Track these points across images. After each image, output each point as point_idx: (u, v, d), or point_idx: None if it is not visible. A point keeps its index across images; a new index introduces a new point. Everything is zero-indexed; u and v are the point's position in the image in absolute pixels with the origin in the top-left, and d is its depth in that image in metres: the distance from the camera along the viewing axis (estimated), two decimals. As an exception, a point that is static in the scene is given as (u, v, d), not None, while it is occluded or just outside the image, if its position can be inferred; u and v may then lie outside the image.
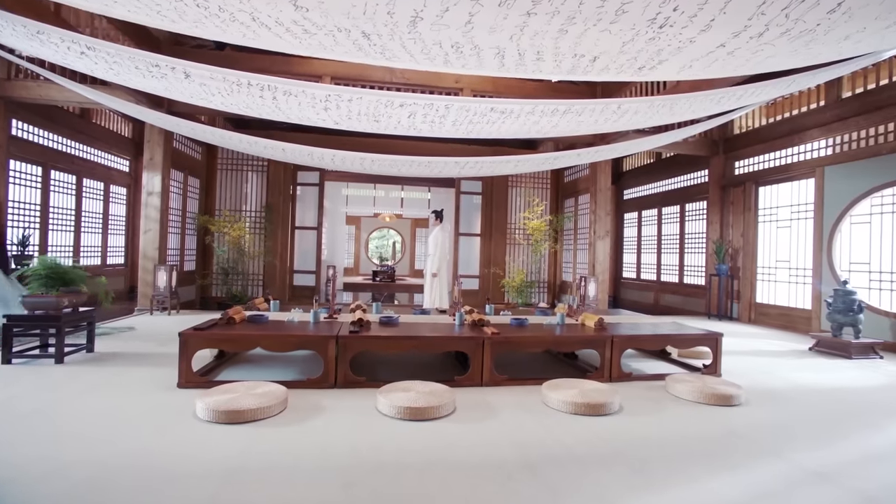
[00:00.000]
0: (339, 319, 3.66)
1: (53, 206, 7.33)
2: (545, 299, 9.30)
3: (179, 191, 7.32)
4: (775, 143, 6.30)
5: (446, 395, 2.67)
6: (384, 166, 5.39)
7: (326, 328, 3.25)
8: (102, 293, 3.69)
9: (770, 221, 6.55)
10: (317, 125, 4.09)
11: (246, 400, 2.48)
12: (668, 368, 3.83)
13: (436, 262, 6.24)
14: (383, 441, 2.23)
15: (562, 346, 3.32)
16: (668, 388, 3.14)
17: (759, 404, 2.94)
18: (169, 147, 6.44)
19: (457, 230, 9.15)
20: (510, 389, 3.11)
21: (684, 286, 8.21)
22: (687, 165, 8.08)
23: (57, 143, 7.30)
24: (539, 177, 9.41)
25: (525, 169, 6.47)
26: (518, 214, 9.09)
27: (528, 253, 9.06)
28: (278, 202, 8.27)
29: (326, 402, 2.73)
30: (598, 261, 7.38)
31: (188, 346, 2.90)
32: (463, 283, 9.42)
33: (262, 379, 3.02)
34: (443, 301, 6.11)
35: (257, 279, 8.36)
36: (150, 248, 6.24)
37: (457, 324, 3.63)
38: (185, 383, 2.90)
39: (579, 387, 2.89)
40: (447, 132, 4.02)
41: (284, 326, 3.27)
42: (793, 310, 6.07)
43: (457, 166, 5.37)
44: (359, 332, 3.09)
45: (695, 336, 3.57)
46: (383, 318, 3.64)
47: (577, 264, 8.65)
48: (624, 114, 3.70)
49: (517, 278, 8.33)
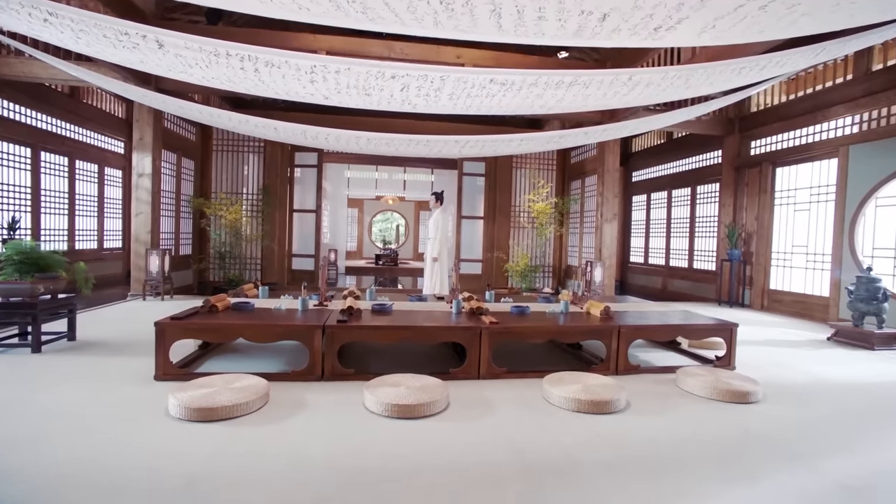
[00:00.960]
0: (330, 307, 3.47)
1: (45, 188, 7.16)
2: (550, 284, 9.08)
3: (173, 172, 7.11)
4: (796, 121, 5.95)
5: (438, 391, 2.47)
6: (381, 145, 5.13)
7: (314, 317, 3.06)
8: (81, 279, 3.52)
9: (787, 204, 6.23)
10: (305, 100, 3.83)
11: (223, 395, 2.30)
12: (678, 360, 3.62)
13: (436, 245, 6.02)
14: (367, 443, 2.04)
15: (565, 337, 3.11)
16: (679, 383, 2.93)
17: (777, 401, 2.72)
18: (159, 127, 6.21)
19: (459, 213, 8.90)
20: (509, 383, 2.91)
21: (694, 271, 7.95)
22: (699, 146, 7.73)
23: (46, 123, 7.08)
24: (544, 158, 9.09)
25: (529, 148, 6.17)
26: (522, 197, 8.82)
27: (533, 236, 8.80)
28: (276, 184, 8.05)
29: (310, 397, 2.55)
30: (605, 245, 7.12)
31: (165, 336, 2.72)
32: (465, 268, 9.22)
33: (247, 370, 2.84)
34: (443, 287, 5.91)
35: (255, 263, 8.20)
36: (142, 231, 6.07)
37: (454, 312, 3.43)
38: (163, 375, 2.73)
39: (583, 381, 2.69)
40: (444, 107, 3.75)
41: (269, 315, 3.08)
42: (809, 297, 5.80)
43: (457, 145, 5.10)
44: (347, 322, 2.90)
45: (708, 326, 3.34)
46: (376, 305, 3.44)
47: (584, 248, 8.40)
48: (635, 86, 3.41)
49: (521, 263, 8.10)
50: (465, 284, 9.03)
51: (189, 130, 7.68)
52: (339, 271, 11.91)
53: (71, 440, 1.97)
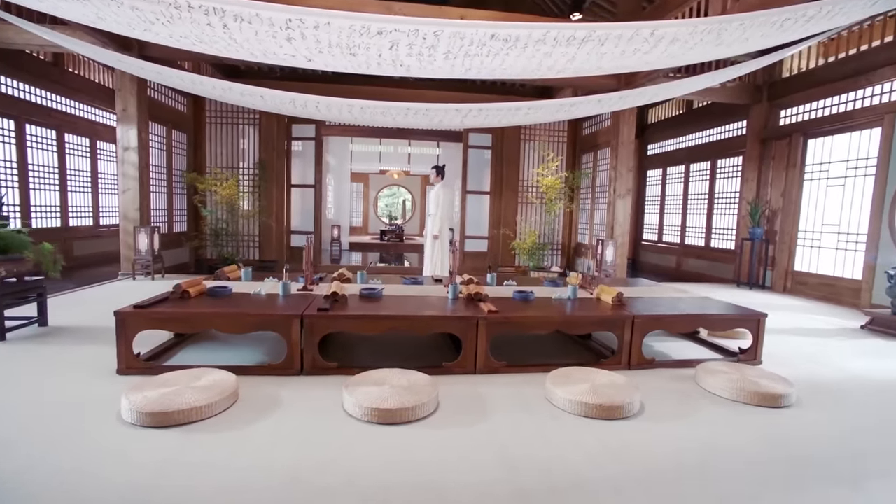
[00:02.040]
0: (316, 292, 3.18)
1: (33, 163, 6.91)
2: (558, 263, 8.74)
3: (162, 146, 6.80)
4: (834, 87, 5.40)
5: (427, 391, 2.19)
6: (376, 115, 4.74)
7: (293, 305, 2.77)
8: (48, 262, 3.27)
9: (818, 179, 5.75)
10: (288, 63, 3.45)
11: (183, 396, 2.04)
12: (696, 351, 3.30)
13: (437, 222, 5.70)
14: (338, 456, 1.77)
15: (572, 328, 2.81)
16: (699, 381, 2.62)
17: (812, 404, 2.40)
18: (144, 96, 5.86)
19: (464, 187, 8.51)
20: (509, 379, 2.63)
21: (711, 250, 7.53)
22: (721, 116, 7.19)
23: (30, 94, 6.77)
24: (555, 129, 8.60)
25: (538, 118, 5.73)
26: (531, 170, 8.38)
27: (542, 213, 8.41)
28: (272, 158, 7.71)
29: (285, 396, 2.29)
30: (618, 222, 6.72)
31: (126, 327, 2.46)
32: (470, 245, 8.89)
33: (222, 363, 2.59)
34: (444, 268, 5.61)
35: (253, 240, 7.96)
36: (131, 208, 5.80)
37: (450, 297, 3.13)
38: (126, 369, 2.48)
39: (591, 379, 2.39)
40: (440, 69, 3.35)
41: (245, 302, 2.81)
42: (838, 280, 5.39)
43: (458, 115, 4.70)
44: (328, 311, 2.61)
45: (733, 317, 3.00)
46: (364, 290, 3.15)
47: (595, 225, 8.00)
48: (658, 42, 2.97)
49: (528, 240, 7.75)
50: (471, 262, 8.72)
51: (180, 101, 7.32)
52: (342, 247, 11.66)
53: (5, 449, 1.72)
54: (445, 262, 5.64)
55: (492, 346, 2.71)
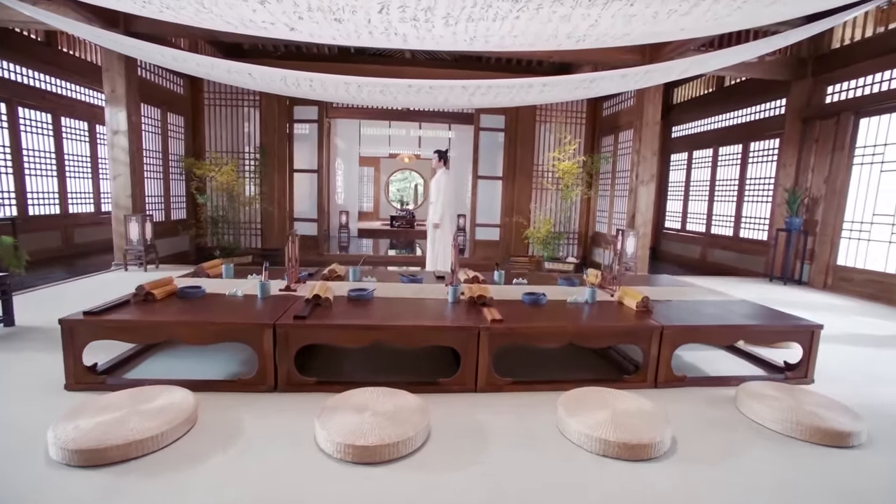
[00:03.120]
0: (300, 292, 2.84)
1: (27, 148, 6.68)
2: (574, 252, 8.27)
3: (157, 129, 6.49)
4: (892, 59, 4.77)
5: (414, 421, 1.83)
6: (374, 93, 4.32)
7: (268, 310, 2.43)
8: (10, 257, 2.99)
9: (870, 163, 5.15)
10: (268, 34, 3.06)
11: (126, 425, 1.71)
12: (733, 364, 2.87)
13: (437, 210, 5.29)
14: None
15: (589, 341, 2.41)
16: (741, 406, 2.21)
17: (887, 443, 1.97)
18: (133, 76, 5.53)
19: (475, 172, 8.06)
20: (514, 399, 2.25)
21: (740, 241, 6.99)
22: (757, 94, 6.56)
23: (22, 75, 6.50)
24: (573, 110, 8.04)
25: (553, 97, 5.23)
26: (547, 154, 7.87)
27: (557, 199, 7.93)
28: (273, 142, 7.36)
29: (250, 423, 1.96)
30: (640, 210, 6.22)
31: (74, 338, 2.15)
32: (481, 234, 8.46)
33: (190, 374, 2.30)
34: (446, 261, 5.22)
35: (255, 228, 7.67)
36: (122, 195, 5.53)
37: (449, 301, 2.75)
38: (75, 385, 2.18)
39: (611, 404, 2.00)
40: (441, 39, 2.91)
41: (216, 307, 2.47)
42: (890, 277, 4.84)
43: (465, 93, 4.25)
44: (305, 319, 2.26)
45: (782, 329, 2.56)
46: (352, 292, 2.79)
47: (614, 214, 7.49)
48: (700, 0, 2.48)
49: (543, 228, 7.29)
50: (482, 251, 8.30)
51: (175, 83, 6.98)
52: (350, 234, 11.35)
53: None
54: (447, 254, 5.25)
55: (496, 356, 2.34)
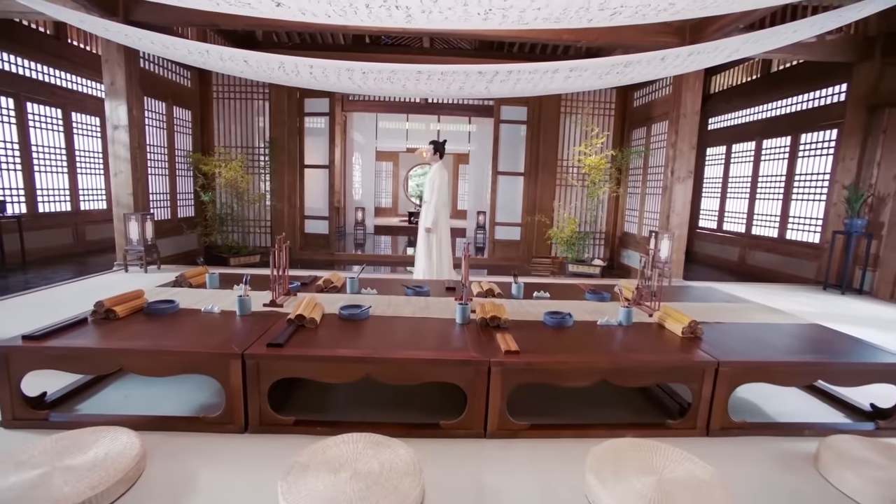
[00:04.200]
0: (286, 308, 2.48)
1: (36, 144, 6.56)
2: (601, 254, 7.73)
3: (162, 124, 6.25)
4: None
5: (404, 489, 1.43)
6: (381, 81, 3.92)
7: (243, 332, 2.07)
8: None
9: (948, 157, 4.49)
10: (256, 12, 2.68)
11: (42, 489, 1.38)
12: (803, 403, 2.38)
13: (430, 212, 4.63)
14: None
15: (625, 379, 1.96)
16: (826, 471, 1.73)
17: None
18: (134, 68, 5.27)
19: (495, 168, 7.60)
20: (532, 450, 1.83)
21: (786, 243, 6.34)
22: (810, 79, 5.89)
23: (30, 69, 6.35)
24: (601, 100, 7.48)
25: (581, 84, 4.72)
26: (572, 149, 7.34)
27: (583, 197, 7.40)
28: (283, 136, 7.05)
29: (207, 477, 1.60)
30: (675, 210, 5.66)
31: (11, 367, 1.83)
32: (501, 233, 8.00)
33: (152, 408, 1.96)
34: (441, 269, 4.70)
35: (264, 226, 7.41)
36: (123, 193, 5.30)
37: (457, 322, 2.34)
38: (13, 422, 1.86)
39: (657, 468, 1.56)
40: (451, 14, 2.48)
41: (181, 328, 2.12)
42: (973, 289, 4.20)
43: (482, 79, 3.80)
44: (281, 347, 1.89)
45: (874, 369, 2.04)
46: (345, 310, 2.41)
47: (645, 213, 6.92)
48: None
49: (567, 229, 6.79)
50: (501, 252, 7.83)
51: (182, 75, 6.73)
52: (367, 231, 11.05)
53: None
54: (444, 261, 4.74)
55: (512, 392, 1.92)
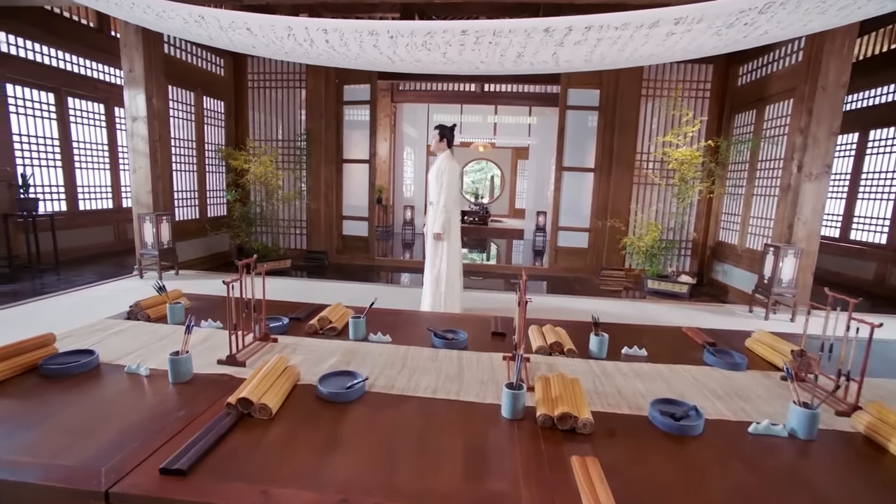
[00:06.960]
0: (248, 368, 1.66)
1: (77, 140, 6.38)
2: (686, 267, 6.40)
3: (189, 116, 5.80)
4: None
5: None
6: (414, 49, 3.01)
7: (145, 431, 1.26)
8: None
9: None
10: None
11: None
12: None
13: (440, 213, 3.61)
14: None
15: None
16: None
17: None
18: (156, 53, 4.78)
19: (560, 162, 6.50)
20: None
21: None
22: None
23: (71, 63, 6.15)
24: (693, 79, 6.14)
25: (685, 47, 3.51)
26: (655, 139, 6.08)
27: (668, 198, 6.12)
28: (319, 128, 6.41)
29: None
30: (803, 218, 4.31)
31: None
32: (565, 240, 6.84)
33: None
34: (452, 291, 3.64)
35: (300, 227, 6.83)
36: (142, 191, 4.85)
37: (503, 415, 1.40)
38: None
39: None
40: None
41: (61, 412, 1.34)
42: None
43: (549, 41, 2.79)
44: (184, 476, 1.05)
45: None
46: (327, 382, 1.53)
47: (751, 220, 5.54)
48: None
49: (647, 236, 5.59)
50: (564, 262, 6.65)
51: (214, 63, 6.26)
52: (415, 231, 10.36)
53: None
54: (455, 279, 3.71)
55: None
